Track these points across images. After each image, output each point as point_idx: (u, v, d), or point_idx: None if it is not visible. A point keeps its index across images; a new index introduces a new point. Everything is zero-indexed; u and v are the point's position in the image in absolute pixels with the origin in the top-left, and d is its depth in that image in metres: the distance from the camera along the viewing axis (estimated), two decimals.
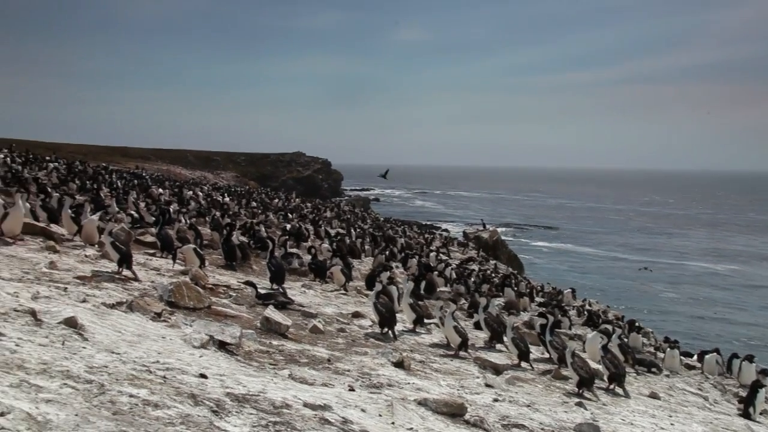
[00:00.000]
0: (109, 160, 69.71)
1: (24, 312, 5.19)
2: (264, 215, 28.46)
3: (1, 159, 29.50)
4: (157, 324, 6.88)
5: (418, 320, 10.88)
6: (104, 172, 36.65)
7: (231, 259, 13.76)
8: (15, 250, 9.62)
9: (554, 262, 61.43)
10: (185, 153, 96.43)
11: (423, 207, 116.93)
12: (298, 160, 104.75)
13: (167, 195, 28.50)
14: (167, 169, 78.65)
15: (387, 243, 26.84)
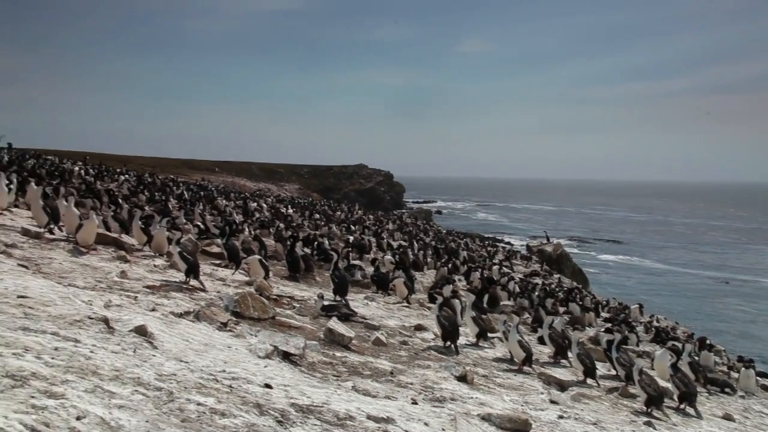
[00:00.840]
0: (177, 172, 71.35)
1: (97, 320, 5.35)
2: (327, 227, 28.72)
3: (75, 171, 30.56)
4: (223, 334, 7.00)
5: (481, 334, 10.78)
6: (172, 184, 37.57)
7: (295, 270, 13.92)
8: (89, 259, 9.94)
9: (620, 277, 59.93)
10: (250, 165, 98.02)
11: (485, 219, 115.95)
12: (361, 173, 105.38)
13: (232, 206, 29.02)
14: (232, 181, 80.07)
15: (449, 256, 26.73)
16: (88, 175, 29.87)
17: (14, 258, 8.45)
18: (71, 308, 5.66)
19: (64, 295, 6.30)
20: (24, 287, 6.14)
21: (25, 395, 3.28)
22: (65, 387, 3.57)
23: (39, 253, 9.58)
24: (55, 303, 5.72)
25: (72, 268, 8.81)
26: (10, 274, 6.86)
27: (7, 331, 4.32)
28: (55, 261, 9.09)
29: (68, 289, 6.91)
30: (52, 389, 3.47)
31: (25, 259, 8.67)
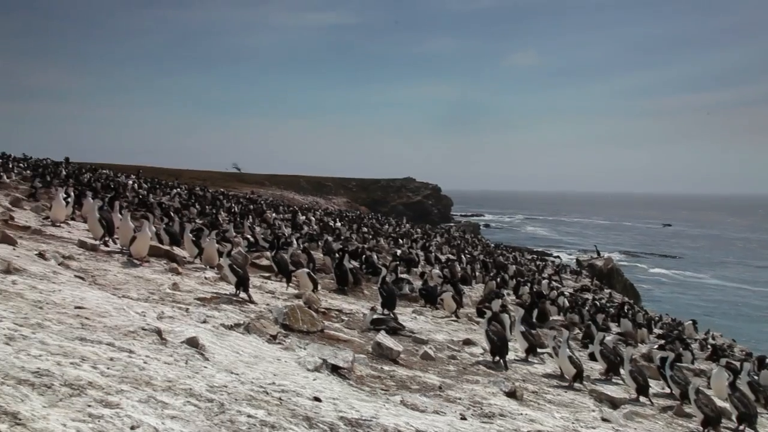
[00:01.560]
0: (227, 185, 72.38)
1: (151, 331, 5.45)
2: (375, 240, 28.80)
3: (129, 185, 31.26)
4: (273, 346, 7.05)
5: (530, 349, 10.64)
6: (222, 197, 38.12)
7: (343, 283, 13.96)
8: (142, 271, 10.14)
9: (674, 292, 58.52)
10: (298, 179, 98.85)
11: (534, 233, 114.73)
12: (408, 186, 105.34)
13: (281, 220, 29.30)
14: (281, 194, 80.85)
15: (498, 269, 26.51)
16: (141, 189, 30.53)
17: (71, 269, 8.67)
18: (125, 319, 5.78)
19: (119, 306, 6.44)
20: (81, 298, 6.30)
21: (83, 404, 3.36)
22: (120, 397, 3.63)
23: (95, 264, 9.81)
24: (110, 314, 5.85)
25: (126, 280, 9.00)
26: (68, 285, 7.04)
27: (65, 341, 4.43)
28: (110, 273, 9.30)
29: (122, 301, 7.06)
30: (108, 399, 3.54)
31: (81, 270, 8.89)
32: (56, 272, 7.93)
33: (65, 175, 28.52)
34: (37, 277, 7.16)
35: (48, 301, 5.83)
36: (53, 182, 23.28)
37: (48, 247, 10.22)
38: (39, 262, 8.44)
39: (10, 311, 4.96)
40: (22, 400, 3.14)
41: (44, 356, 3.94)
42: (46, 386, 3.44)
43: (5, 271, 6.83)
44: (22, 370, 3.54)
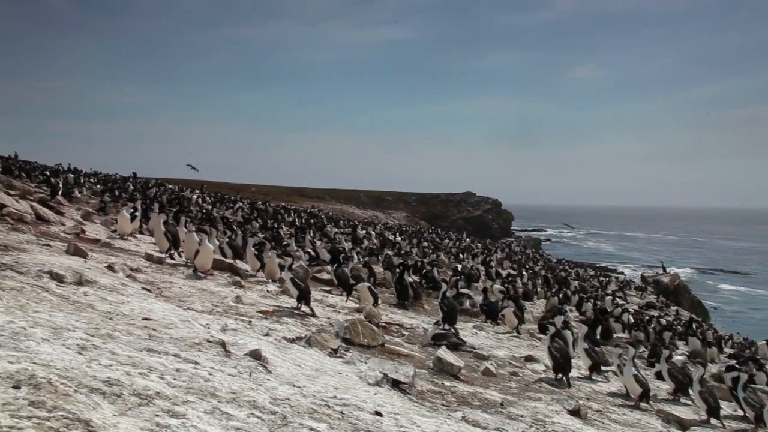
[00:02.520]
0: (288, 199, 73.26)
1: (215, 343, 5.53)
2: (435, 255, 28.70)
3: (194, 199, 31.97)
4: (334, 360, 7.08)
5: (594, 367, 10.41)
6: (283, 212, 38.60)
7: (403, 298, 13.96)
8: (206, 284, 10.33)
9: (746, 310, 56.32)
10: (358, 193, 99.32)
11: (597, 248, 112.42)
12: (468, 200, 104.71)
13: (341, 234, 29.48)
14: (341, 208, 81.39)
15: (560, 285, 26.11)
16: (205, 203, 31.18)
17: (139, 282, 8.90)
18: (191, 331, 5.89)
19: (184, 318, 6.57)
20: (148, 310, 6.45)
21: (150, 413, 3.42)
22: (186, 407, 3.69)
23: (161, 277, 10.05)
24: (176, 326, 5.97)
25: (191, 292, 9.18)
26: (136, 297, 7.22)
27: (134, 352, 4.54)
28: (175, 285, 9.51)
29: (187, 313, 7.20)
30: (174, 409, 3.60)
31: (148, 282, 9.11)
32: (124, 284, 8.15)
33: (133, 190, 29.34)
34: (107, 288, 7.37)
35: (117, 312, 5.99)
36: (121, 197, 23.99)
37: (116, 259, 10.52)
38: (108, 274, 8.69)
39: (82, 321, 5.11)
40: (94, 408, 3.21)
41: (114, 366, 4.04)
42: (116, 395, 3.52)
43: (77, 283, 7.05)
44: (93, 379, 3.63)
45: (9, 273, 6.55)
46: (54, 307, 5.47)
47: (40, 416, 2.93)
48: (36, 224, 12.63)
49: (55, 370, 3.57)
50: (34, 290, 5.90)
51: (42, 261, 7.88)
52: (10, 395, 3.05)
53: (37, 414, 2.94)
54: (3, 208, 12.23)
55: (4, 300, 5.15)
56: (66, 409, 3.09)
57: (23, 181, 22.56)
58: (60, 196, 19.03)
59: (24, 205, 13.34)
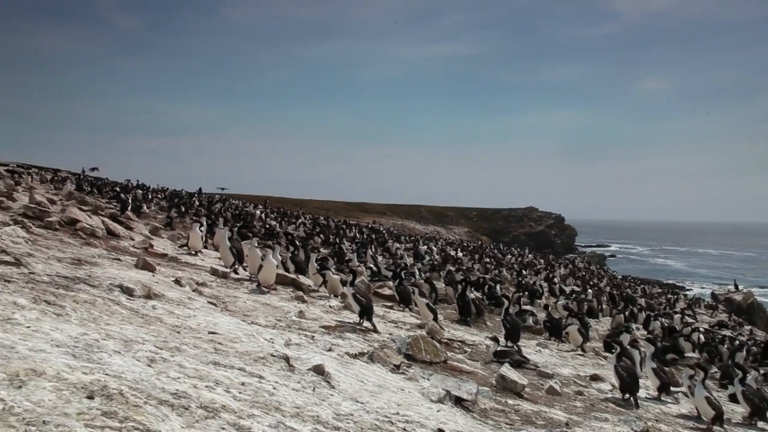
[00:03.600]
0: (349, 215, 73.62)
1: (279, 357, 5.59)
2: (497, 271, 28.44)
3: (257, 214, 32.49)
4: (396, 376, 7.05)
5: (663, 387, 10.10)
6: (345, 227, 38.85)
7: (466, 314, 13.85)
8: (269, 298, 10.45)
9: None
10: (419, 208, 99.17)
11: (664, 265, 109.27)
12: (531, 215, 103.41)
13: (403, 249, 29.49)
14: (402, 224, 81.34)
15: (626, 302, 25.51)
16: (268, 218, 31.64)
17: (204, 296, 9.06)
18: (255, 345, 5.96)
19: (249, 332, 6.65)
20: (214, 324, 6.56)
21: (217, 426, 3.47)
22: (251, 421, 3.73)
23: (225, 291, 10.21)
24: (240, 340, 6.05)
25: (255, 307, 9.30)
26: (202, 311, 7.36)
27: (200, 365, 4.62)
28: (239, 299, 9.64)
29: (252, 327, 7.29)
30: (240, 422, 3.64)
31: (213, 297, 9.27)
32: (191, 298, 8.32)
33: (198, 206, 30.00)
34: (174, 302, 7.53)
35: (184, 325, 6.11)
36: (188, 212, 24.56)
37: (183, 274, 10.75)
38: (175, 288, 8.88)
39: (151, 335, 5.23)
40: (163, 420, 3.28)
41: (182, 379, 4.11)
42: (184, 407, 3.58)
43: (146, 296, 7.23)
44: (162, 391, 3.71)
45: (83, 286, 6.76)
46: (124, 320, 5.62)
47: (112, 426, 3.00)
48: (107, 239, 13.01)
49: (126, 382, 3.66)
50: (106, 303, 6.07)
51: (113, 275, 8.10)
52: (84, 405, 3.14)
53: (109, 424, 3.02)
54: (76, 224, 12.65)
55: (78, 312, 5.31)
56: (136, 420, 3.15)
57: (95, 197, 23.34)
58: (129, 211, 19.57)
59: (96, 221, 13.77)
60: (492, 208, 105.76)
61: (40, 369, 3.42)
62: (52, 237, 11.03)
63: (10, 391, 3.07)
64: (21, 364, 3.42)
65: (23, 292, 5.48)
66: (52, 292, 5.87)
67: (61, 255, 9.07)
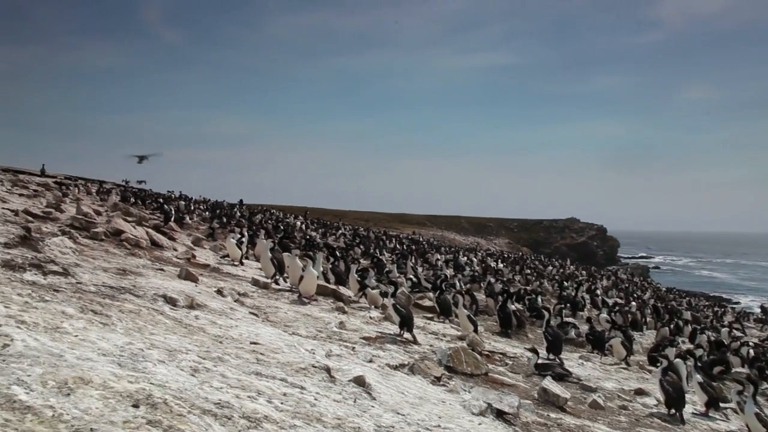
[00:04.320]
0: (389, 226, 73.73)
1: (320, 368, 5.60)
2: (538, 282, 28.18)
3: (297, 225, 32.73)
4: (437, 388, 7.02)
5: (711, 403, 9.86)
6: (385, 238, 38.91)
7: (506, 326, 13.74)
8: (310, 309, 10.50)
9: None
10: (459, 219, 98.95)
11: (710, 277, 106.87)
12: (572, 226, 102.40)
13: (443, 260, 29.41)
14: (442, 234, 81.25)
15: (671, 315, 25.02)
16: (308, 229, 31.85)
17: (246, 306, 9.14)
18: (296, 356, 5.98)
19: (290, 343, 6.69)
20: (255, 334, 6.61)
21: None
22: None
23: (267, 302, 10.29)
24: (282, 350, 6.09)
25: (296, 317, 9.35)
26: (244, 321, 7.42)
27: (243, 375, 4.65)
28: (280, 310, 9.71)
29: (293, 338, 7.33)
30: None
31: (255, 307, 9.34)
32: (233, 308, 8.39)
33: (239, 216, 30.34)
34: (217, 312, 7.61)
35: (227, 336, 6.17)
36: (229, 223, 24.84)
37: (225, 284, 10.86)
38: (217, 298, 8.98)
39: (194, 344, 5.29)
40: (206, 430, 3.31)
41: (224, 389, 4.15)
42: (227, 417, 3.61)
43: (189, 307, 7.32)
44: (205, 401, 3.74)
45: (128, 296, 6.87)
46: (168, 329, 5.69)
47: None
48: (151, 249, 13.23)
49: (170, 391, 3.70)
50: (150, 313, 6.16)
51: (157, 285, 8.23)
52: (130, 413, 3.18)
53: None
54: (121, 234, 12.89)
55: (124, 322, 5.40)
56: (180, 429, 3.19)
57: (139, 208, 23.77)
58: (172, 222, 19.88)
59: (140, 231, 14.02)
60: (533, 219, 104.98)
61: (87, 377, 3.48)
62: (98, 247, 11.25)
63: (59, 399, 3.13)
64: (69, 372, 3.48)
65: (71, 302, 5.60)
66: (98, 301, 5.98)
67: (106, 265, 9.25)
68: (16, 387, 3.12)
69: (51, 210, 14.26)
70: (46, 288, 5.98)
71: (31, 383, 3.22)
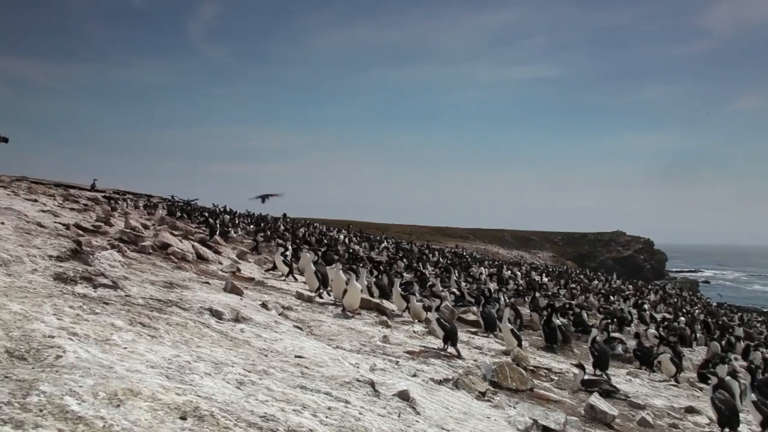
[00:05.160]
0: (431, 239, 73.48)
1: (364, 382, 5.59)
2: (583, 297, 27.80)
3: (341, 239, 32.86)
4: (482, 403, 6.96)
5: (766, 422, 9.57)
6: (428, 251, 38.81)
7: (552, 341, 13.57)
8: (354, 323, 10.51)
9: None
10: (503, 232, 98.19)
11: (763, 291, 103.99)
12: (618, 240, 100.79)
13: (487, 274, 29.22)
14: (485, 248, 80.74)
15: (722, 331, 24.40)
16: (352, 243, 31.96)
17: (290, 320, 9.20)
18: (341, 370, 5.99)
19: (334, 356, 6.69)
20: (300, 347, 6.64)
21: None
22: None
23: (310, 315, 10.34)
24: (326, 364, 6.09)
25: (339, 331, 9.37)
26: (288, 335, 7.46)
27: (288, 388, 4.67)
28: (324, 324, 9.74)
29: (337, 351, 7.34)
30: None
31: (299, 320, 9.40)
32: (277, 322, 8.45)
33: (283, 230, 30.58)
34: (261, 326, 7.66)
35: (271, 349, 6.21)
36: (273, 237, 25.07)
37: (269, 297, 10.95)
38: (262, 311, 9.05)
39: (240, 357, 5.34)
40: None
41: (270, 402, 4.17)
42: (272, 430, 3.62)
43: (235, 320, 7.39)
44: (251, 414, 3.76)
45: (175, 309, 6.97)
46: (214, 342, 5.75)
47: None
48: (197, 263, 13.42)
49: (216, 404, 3.74)
50: (197, 326, 6.24)
51: (203, 298, 8.33)
52: (177, 425, 3.22)
53: None
54: (168, 248, 13.10)
55: (171, 335, 5.48)
56: None
57: (185, 222, 24.14)
58: (217, 236, 20.14)
59: (186, 245, 14.23)
60: (577, 233, 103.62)
61: (136, 389, 3.53)
62: (146, 261, 11.45)
63: (110, 410, 3.18)
64: (119, 384, 3.54)
65: (120, 314, 5.70)
66: (146, 314, 6.07)
67: (154, 278, 9.40)
68: (68, 398, 3.18)
69: (100, 224, 14.56)
70: (97, 300, 6.10)
71: (82, 394, 3.28)
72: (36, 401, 3.06)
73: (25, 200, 16.31)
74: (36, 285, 5.91)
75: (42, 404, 3.05)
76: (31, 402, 3.04)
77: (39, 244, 8.22)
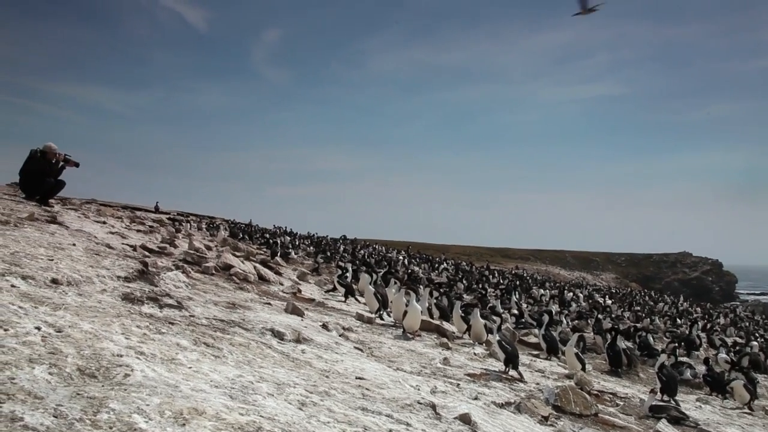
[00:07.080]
0: (491, 260, 72.88)
1: (425, 405, 5.54)
2: (649, 319, 27.11)
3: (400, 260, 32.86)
4: (545, 428, 6.82)
5: None
6: (488, 273, 38.48)
7: (616, 365, 13.24)
8: (414, 344, 10.47)
9: None
10: (564, 253, 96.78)
11: None
12: (684, 261, 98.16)
13: (548, 296, 28.78)
14: (546, 269, 79.68)
15: None
16: (411, 264, 31.93)
17: (351, 341, 9.21)
18: (401, 392, 5.95)
19: (395, 378, 6.66)
20: (360, 369, 6.63)
21: None
22: None
23: (371, 336, 10.33)
24: (387, 386, 6.07)
25: (399, 353, 9.33)
26: (349, 356, 7.47)
27: (349, 410, 4.66)
28: (384, 345, 9.72)
29: (397, 373, 7.31)
30: None
31: (359, 342, 9.40)
32: (338, 343, 8.46)
33: (343, 251, 30.78)
34: (322, 347, 7.69)
35: (332, 370, 6.22)
36: (333, 258, 25.23)
37: (330, 318, 11.00)
38: (323, 332, 9.08)
39: (301, 378, 5.36)
40: None
41: (332, 423, 4.16)
42: None
43: (296, 341, 7.44)
44: None
45: (237, 329, 7.06)
46: (276, 363, 5.79)
47: None
48: (258, 283, 13.58)
49: (279, 424, 3.75)
50: (259, 346, 6.30)
51: (264, 319, 8.41)
52: None
53: None
54: (230, 269, 13.31)
55: (234, 355, 5.54)
56: None
57: (246, 243, 24.51)
58: (278, 257, 20.38)
59: (248, 266, 14.43)
60: (642, 254, 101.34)
61: (201, 408, 3.57)
62: (209, 281, 11.65)
63: (175, 428, 3.22)
64: (184, 403, 3.59)
65: (185, 334, 5.79)
66: (210, 334, 6.16)
67: (217, 299, 9.55)
68: (136, 415, 3.23)
69: (165, 245, 14.90)
70: (162, 320, 6.22)
71: (149, 412, 3.33)
72: (106, 418, 3.12)
73: (95, 222, 16.81)
74: (105, 305, 6.06)
75: (111, 421, 3.11)
76: (101, 419, 3.10)
77: (108, 264, 8.44)
